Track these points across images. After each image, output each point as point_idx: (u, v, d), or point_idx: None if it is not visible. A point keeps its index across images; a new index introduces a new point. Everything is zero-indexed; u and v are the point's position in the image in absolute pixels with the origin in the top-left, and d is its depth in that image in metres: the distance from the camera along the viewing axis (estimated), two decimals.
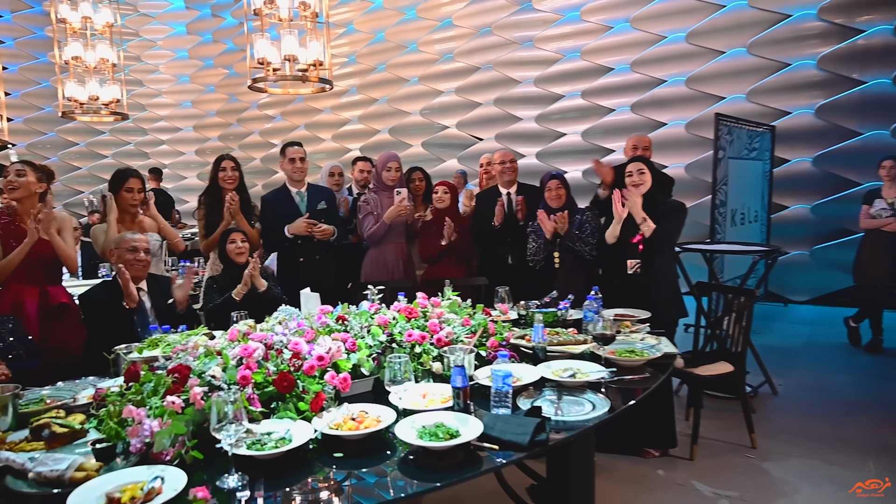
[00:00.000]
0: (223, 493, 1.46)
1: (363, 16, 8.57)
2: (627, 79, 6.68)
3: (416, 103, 8.28)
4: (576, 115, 7.07)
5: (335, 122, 9.12)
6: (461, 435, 1.64)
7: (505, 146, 7.54)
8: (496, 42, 7.49)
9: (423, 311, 2.33)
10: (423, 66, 8.13)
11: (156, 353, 2.12)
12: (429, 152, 8.20)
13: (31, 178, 2.98)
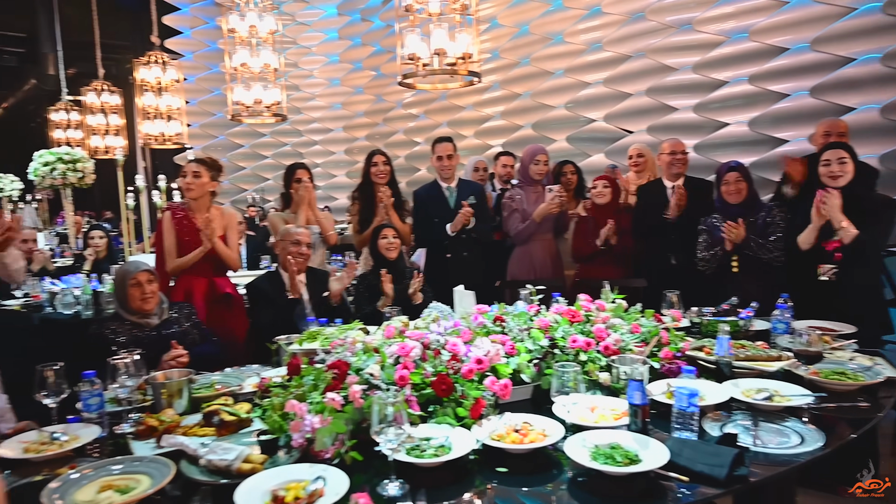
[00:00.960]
0: (383, 499, 1.38)
1: (507, 10, 8.42)
2: (805, 59, 5.88)
3: (560, 97, 7.98)
4: (741, 102, 6.36)
5: (477, 119, 9.07)
6: (642, 461, 1.42)
7: (657, 138, 7.02)
8: (649, 28, 6.97)
9: (586, 314, 2.13)
10: (569, 58, 7.80)
11: (314, 346, 2.13)
12: (574, 147, 7.87)
13: (206, 178, 3.19)
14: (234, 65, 5.98)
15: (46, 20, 11.15)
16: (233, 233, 3.25)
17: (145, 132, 7.63)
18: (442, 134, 9.49)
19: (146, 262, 2.67)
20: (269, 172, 11.54)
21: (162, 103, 7.73)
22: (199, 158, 3.31)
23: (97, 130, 9.21)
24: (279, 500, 1.32)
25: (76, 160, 6.29)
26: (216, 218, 3.16)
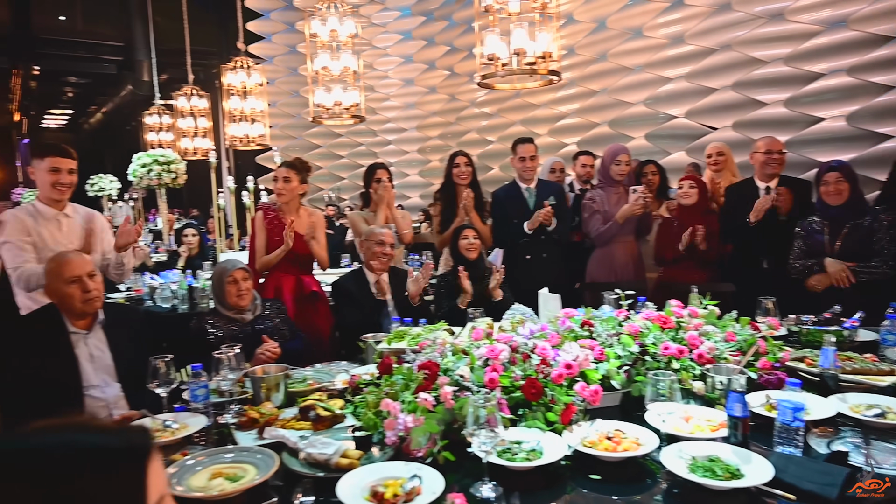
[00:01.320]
0: (477, 500, 1.41)
1: (583, 6, 8.27)
2: None
3: (639, 93, 7.76)
4: (839, 95, 5.98)
5: (552, 117, 8.97)
6: (745, 476, 1.38)
7: (744, 135, 6.72)
8: (736, 19, 6.67)
9: (678, 321, 2.07)
10: (649, 53, 7.57)
11: (402, 346, 2.18)
12: (653, 144, 7.64)
13: (295, 182, 3.34)
14: (316, 68, 6.17)
15: (142, 30, 11.91)
16: (321, 232, 3.38)
17: (231, 134, 7.99)
18: (516, 133, 9.46)
19: (242, 261, 2.81)
20: (344, 172, 11.86)
21: (247, 106, 8.07)
22: (288, 163, 3.45)
23: (186, 133, 9.74)
24: (379, 496, 1.37)
25: (170, 162, 6.70)
26: (304, 218, 3.30)
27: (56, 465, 0.60)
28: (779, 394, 1.72)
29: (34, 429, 0.65)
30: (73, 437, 0.64)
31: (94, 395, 2.27)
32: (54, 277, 2.23)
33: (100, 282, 2.32)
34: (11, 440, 0.64)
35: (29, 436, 0.64)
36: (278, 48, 11.67)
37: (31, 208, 2.76)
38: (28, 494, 0.59)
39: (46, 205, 2.75)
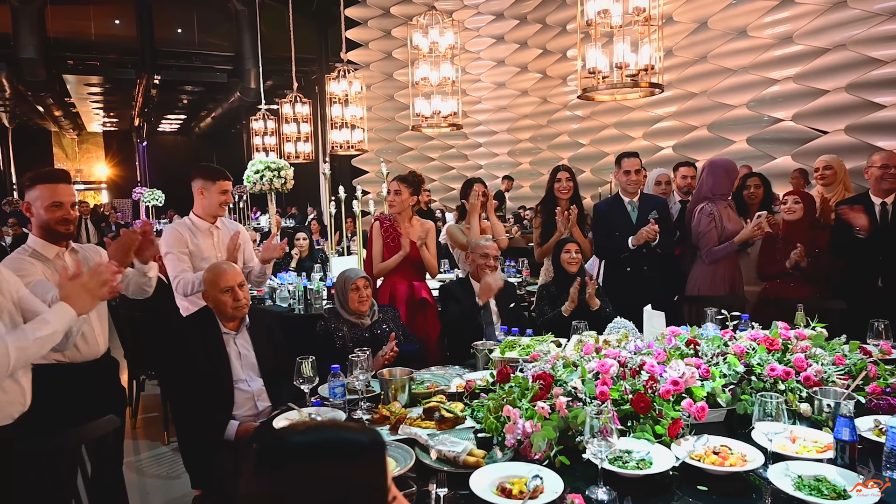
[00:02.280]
0: (593, 502, 1.58)
1: (684, 6, 8.14)
2: None
3: (742, 95, 7.56)
4: None
5: (647, 120, 8.89)
6: (852, 497, 1.48)
7: (857, 139, 6.41)
8: (852, 17, 6.37)
9: (784, 342, 2.15)
10: (753, 54, 7.36)
11: (514, 356, 2.38)
12: (755, 149, 7.43)
13: (405, 195, 3.63)
14: (416, 79, 6.48)
15: (250, 40, 12.76)
16: (431, 241, 3.66)
17: (333, 139, 8.48)
18: (609, 136, 9.43)
19: (362, 270, 3.12)
20: (435, 174, 12.22)
21: (347, 113, 8.53)
22: (400, 176, 3.75)
23: (290, 137, 10.37)
24: (506, 490, 1.58)
25: (280, 168, 7.24)
26: (417, 227, 3.59)
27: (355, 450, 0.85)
28: (889, 419, 1.78)
29: (307, 427, 0.91)
30: (339, 433, 0.89)
31: (242, 388, 2.63)
32: (211, 286, 2.61)
33: (247, 291, 2.68)
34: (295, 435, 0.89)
35: (310, 432, 0.89)
36: (375, 54, 12.18)
37: (187, 222, 3.20)
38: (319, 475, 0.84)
39: (202, 219, 3.18)
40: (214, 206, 3.19)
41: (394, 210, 3.66)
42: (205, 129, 19.08)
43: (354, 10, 11.93)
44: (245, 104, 14.09)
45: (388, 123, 12.33)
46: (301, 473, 0.84)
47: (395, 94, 12.09)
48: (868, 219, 3.11)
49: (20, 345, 1.76)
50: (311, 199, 14.91)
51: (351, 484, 0.85)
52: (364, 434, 0.91)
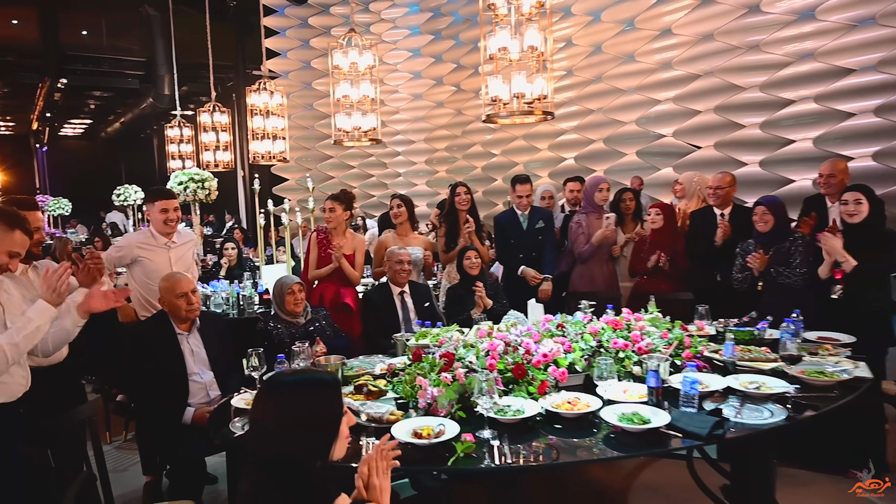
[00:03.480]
0: (481, 439, 2.24)
1: (582, 30, 9.09)
2: (872, 80, 6.27)
3: (631, 113, 8.59)
4: (808, 120, 6.80)
5: (552, 133, 9.79)
6: (652, 422, 2.21)
7: (725, 154, 7.53)
8: (718, 48, 7.49)
9: (627, 323, 2.91)
10: (641, 76, 8.40)
11: (426, 342, 3.01)
12: (644, 161, 8.48)
13: (339, 211, 4.20)
14: (337, 96, 7.01)
15: (164, 45, 12.78)
16: (360, 255, 4.26)
17: (254, 150, 8.85)
18: (519, 147, 10.25)
19: (297, 277, 3.66)
20: (355, 181, 12.69)
21: (269, 124, 8.92)
22: (333, 195, 4.33)
23: (208, 146, 10.57)
24: (418, 434, 2.20)
25: (204, 179, 7.56)
26: (350, 241, 4.18)
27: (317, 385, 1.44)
28: (687, 373, 2.54)
29: (293, 372, 1.49)
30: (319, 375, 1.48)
31: (196, 380, 3.12)
32: (167, 292, 3.08)
33: (199, 296, 3.17)
34: (287, 376, 1.47)
35: (295, 374, 1.48)
36: (293, 63, 12.52)
37: (148, 232, 3.64)
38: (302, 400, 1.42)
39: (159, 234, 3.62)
40: (159, 224, 3.64)
41: (330, 225, 4.23)
42: (112, 134, 18.59)
43: (272, 20, 12.24)
44: (158, 110, 14.02)
45: (308, 132, 12.69)
46: (291, 398, 1.43)
47: (315, 102, 12.46)
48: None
49: (12, 342, 2.21)
50: (228, 208, 15.00)
51: (322, 404, 1.44)
52: (328, 375, 1.51)
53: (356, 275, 4.23)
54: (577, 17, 9.12)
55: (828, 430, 3.33)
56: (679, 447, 2.17)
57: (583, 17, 9.05)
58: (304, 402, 1.42)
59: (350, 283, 4.24)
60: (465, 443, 2.15)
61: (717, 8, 7.47)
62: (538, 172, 9.99)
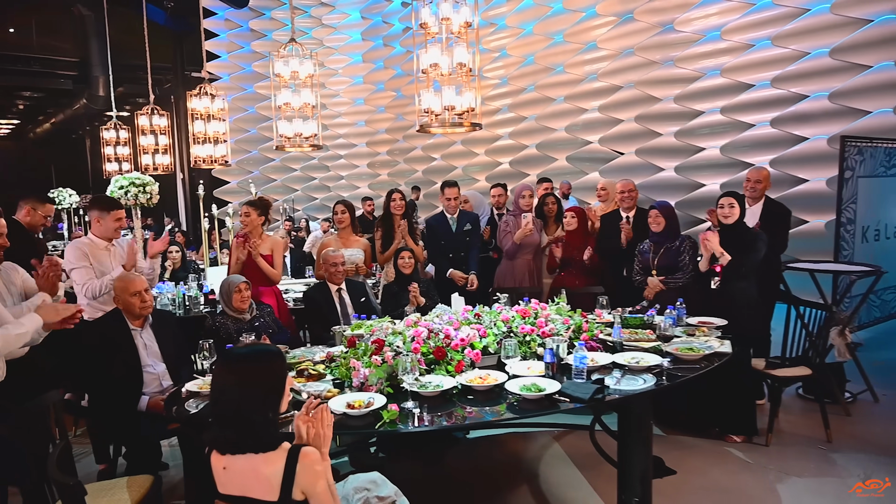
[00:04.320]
0: (405, 409, 2.68)
1: (516, 41, 9.70)
2: (768, 95, 7.08)
3: (562, 120, 9.25)
4: (715, 130, 7.59)
5: (489, 138, 10.37)
6: (546, 390, 2.71)
7: (645, 160, 8.26)
8: (638, 62, 8.21)
9: (534, 312, 3.42)
10: (569, 87, 9.07)
11: (361, 332, 3.44)
12: (573, 165, 9.14)
13: (254, 216, 4.59)
14: (279, 103, 7.32)
15: (98, 46, 12.66)
16: (278, 254, 4.65)
17: (195, 154, 9.02)
18: (457, 151, 10.77)
19: (243, 277, 4.02)
20: (297, 184, 12.96)
21: (210, 129, 9.11)
22: (249, 202, 4.73)
23: (147, 149, 10.63)
24: (351, 405, 2.63)
25: (145, 184, 7.72)
26: (265, 242, 4.57)
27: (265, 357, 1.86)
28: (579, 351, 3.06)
29: (245, 345, 1.90)
30: (267, 347, 1.89)
31: (149, 371, 3.45)
32: (122, 291, 3.40)
33: (151, 295, 3.50)
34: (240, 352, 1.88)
35: (248, 347, 1.89)
36: (233, 67, 12.68)
37: (87, 241, 3.90)
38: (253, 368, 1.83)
39: (100, 239, 3.90)
40: (110, 232, 3.93)
41: (246, 229, 4.61)
42: (41, 135, 18.11)
43: (211, 22, 12.37)
44: (91, 111, 13.87)
45: (249, 135, 12.87)
46: (248, 365, 1.84)
47: (256, 105, 12.65)
48: None
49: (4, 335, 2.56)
50: (167, 210, 14.95)
51: (272, 368, 1.86)
52: (274, 347, 1.93)
53: (275, 273, 4.63)
54: (510, 28, 9.72)
55: (709, 402, 3.95)
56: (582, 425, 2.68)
57: (516, 30, 9.66)
58: (258, 367, 1.84)
59: (270, 283, 4.62)
60: (390, 411, 2.59)
61: (636, 25, 8.19)
62: (476, 176, 10.56)
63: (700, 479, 3.48)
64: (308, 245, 9.15)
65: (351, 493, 2.29)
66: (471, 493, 3.49)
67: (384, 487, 2.32)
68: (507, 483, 3.56)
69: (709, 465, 3.63)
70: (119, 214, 3.92)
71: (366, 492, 2.29)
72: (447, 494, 3.49)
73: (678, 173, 7.84)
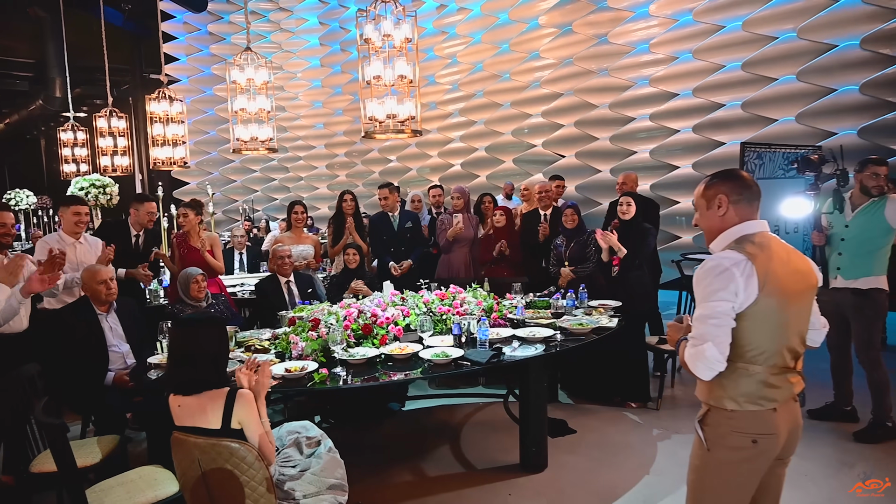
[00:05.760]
0: (335, 374, 3.29)
1: (466, 49, 10.36)
2: (690, 103, 7.87)
3: (508, 125, 9.95)
4: (645, 135, 8.37)
5: (441, 141, 11.01)
6: (451, 356, 3.34)
7: (584, 162, 8.99)
8: (577, 71, 8.95)
9: (451, 295, 4.06)
10: (515, 93, 9.77)
11: (302, 315, 4.03)
12: (518, 167, 9.84)
13: (191, 216, 5.19)
14: (235, 108, 7.84)
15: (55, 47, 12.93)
16: (217, 249, 5.28)
17: (155, 156, 9.45)
18: (412, 153, 11.37)
19: (199, 269, 4.57)
20: (257, 185, 13.42)
21: (169, 131, 9.54)
22: (185, 203, 5.33)
23: (105, 151, 10.99)
24: (289, 370, 3.22)
25: (105, 185, 8.15)
26: (205, 239, 5.18)
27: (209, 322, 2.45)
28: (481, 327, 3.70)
29: (197, 313, 2.49)
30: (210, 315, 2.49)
31: (115, 350, 3.99)
32: (90, 279, 3.94)
33: (116, 284, 4.04)
34: (192, 316, 2.47)
35: (199, 314, 2.48)
36: (192, 69, 13.09)
37: (56, 237, 4.42)
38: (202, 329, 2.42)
39: (68, 235, 4.42)
40: (70, 226, 4.45)
41: (185, 228, 5.24)
42: None
43: (170, 25, 12.76)
44: (47, 112, 14.10)
45: (208, 136, 13.28)
46: (196, 331, 2.42)
47: (215, 107, 13.07)
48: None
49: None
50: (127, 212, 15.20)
51: (220, 330, 2.45)
52: (220, 317, 2.52)
53: (219, 265, 5.27)
54: (461, 37, 10.38)
55: (612, 374, 4.64)
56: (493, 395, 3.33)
57: (466, 38, 10.32)
58: (211, 325, 2.43)
59: (214, 274, 5.21)
60: (321, 374, 3.20)
61: (575, 37, 8.93)
62: (429, 177, 11.20)
63: (596, 436, 4.16)
64: (266, 244, 9.66)
65: (284, 434, 2.89)
66: (401, 454, 4.10)
67: (312, 430, 2.92)
68: (433, 445, 4.18)
69: (605, 426, 4.32)
70: (78, 209, 4.43)
71: (296, 434, 2.89)
72: (381, 456, 4.10)
73: (613, 175, 8.58)
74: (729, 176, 2.02)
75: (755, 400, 1.90)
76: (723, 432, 1.94)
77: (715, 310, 1.85)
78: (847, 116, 6.72)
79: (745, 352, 1.90)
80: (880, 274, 3.83)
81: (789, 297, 1.91)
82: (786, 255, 1.96)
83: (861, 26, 6.48)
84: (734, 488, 1.96)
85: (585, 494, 3.43)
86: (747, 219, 1.98)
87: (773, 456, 1.96)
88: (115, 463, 3.29)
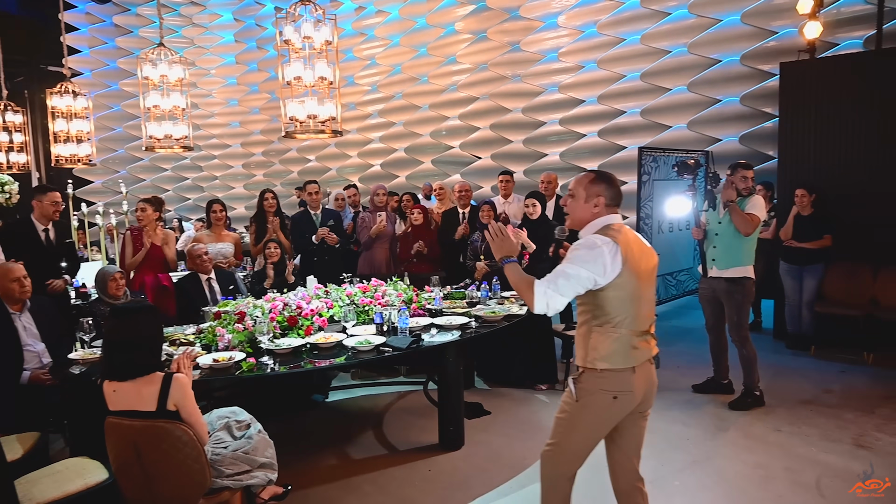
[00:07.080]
0: (262, 363, 3.46)
1: (384, 51, 10.60)
2: (595, 109, 8.47)
3: (427, 127, 10.27)
4: (555, 138, 8.91)
5: (361, 142, 11.20)
6: (373, 343, 3.60)
7: (499, 163, 9.44)
8: (491, 76, 9.40)
9: (373, 288, 4.31)
10: (433, 96, 10.11)
11: (228, 310, 4.17)
12: (437, 168, 10.19)
13: (149, 211, 5.17)
14: (148, 105, 7.73)
15: None
16: (172, 244, 5.25)
17: (57, 153, 9.11)
18: (331, 153, 11.48)
19: (117, 267, 4.59)
20: (168, 184, 13.09)
21: (73, 127, 9.23)
22: (145, 199, 5.29)
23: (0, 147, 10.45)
24: (217, 360, 3.37)
25: (4, 183, 7.80)
26: (160, 234, 5.17)
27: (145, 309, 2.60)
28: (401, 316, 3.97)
29: (135, 300, 2.63)
30: (145, 303, 2.63)
31: (29, 350, 3.97)
32: (3, 277, 3.90)
33: (30, 281, 4.02)
34: (128, 304, 2.60)
35: (134, 301, 2.62)
36: (96, 62, 12.61)
37: None
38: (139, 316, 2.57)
39: None
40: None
41: (142, 223, 5.19)
42: None
43: (71, 15, 12.24)
44: None
45: (115, 133, 12.83)
46: (136, 317, 2.56)
47: (122, 103, 12.65)
48: None
49: None
50: (22, 212, 14.42)
51: (156, 317, 2.60)
52: (152, 305, 2.67)
53: (174, 259, 5.26)
54: (380, 39, 10.62)
55: (524, 361, 5.03)
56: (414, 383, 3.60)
57: (385, 40, 10.56)
58: (150, 315, 2.58)
59: (170, 269, 5.24)
60: (248, 363, 3.37)
61: (490, 43, 9.37)
62: (350, 178, 11.36)
63: (508, 416, 4.53)
64: (181, 244, 9.51)
65: (215, 419, 3.05)
66: (327, 441, 4.30)
67: (241, 414, 3.10)
68: (358, 431, 4.41)
69: (517, 407, 4.70)
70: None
71: (227, 418, 3.06)
72: (307, 443, 4.28)
73: (526, 176, 9.08)
74: (610, 184, 2.47)
75: (623, 359, 2.34)
76: (591, 389, 2.38)
77: (577, 272, 2.28)
78: (730, 125, 7.48)
79: (612, 318, 2.34)
80: (748, 264, 4.42)
81: (641, 271, 2.37)
82: (635, 239, 2.44)
83: (741, 44, 7.24)
84: (591, 431, 2.43)
85: (498, 467, 3.77)
86: (611, 213, 2.45)
87: (629, 409, 2.40)
88: (35, 459, 3.33)
